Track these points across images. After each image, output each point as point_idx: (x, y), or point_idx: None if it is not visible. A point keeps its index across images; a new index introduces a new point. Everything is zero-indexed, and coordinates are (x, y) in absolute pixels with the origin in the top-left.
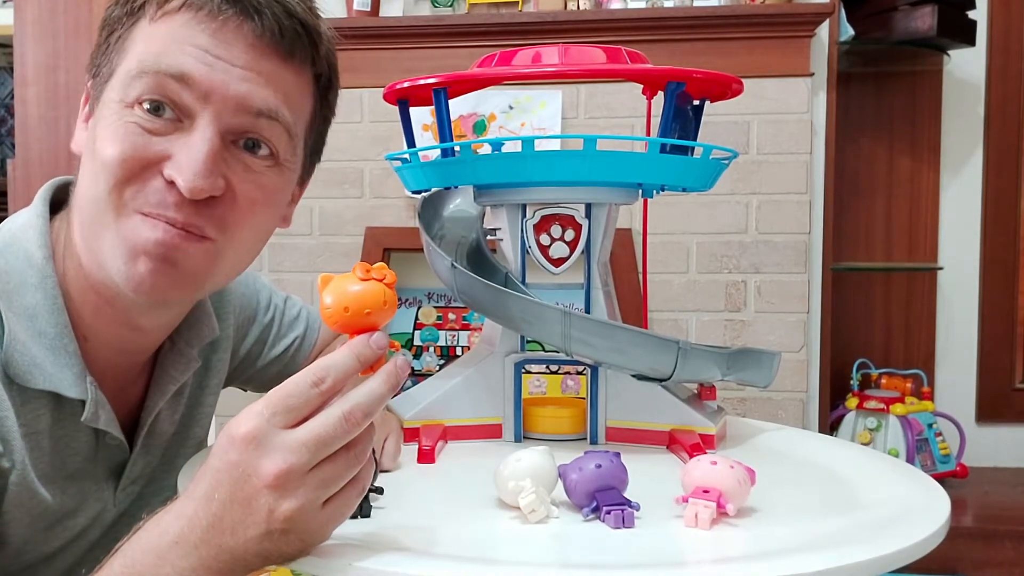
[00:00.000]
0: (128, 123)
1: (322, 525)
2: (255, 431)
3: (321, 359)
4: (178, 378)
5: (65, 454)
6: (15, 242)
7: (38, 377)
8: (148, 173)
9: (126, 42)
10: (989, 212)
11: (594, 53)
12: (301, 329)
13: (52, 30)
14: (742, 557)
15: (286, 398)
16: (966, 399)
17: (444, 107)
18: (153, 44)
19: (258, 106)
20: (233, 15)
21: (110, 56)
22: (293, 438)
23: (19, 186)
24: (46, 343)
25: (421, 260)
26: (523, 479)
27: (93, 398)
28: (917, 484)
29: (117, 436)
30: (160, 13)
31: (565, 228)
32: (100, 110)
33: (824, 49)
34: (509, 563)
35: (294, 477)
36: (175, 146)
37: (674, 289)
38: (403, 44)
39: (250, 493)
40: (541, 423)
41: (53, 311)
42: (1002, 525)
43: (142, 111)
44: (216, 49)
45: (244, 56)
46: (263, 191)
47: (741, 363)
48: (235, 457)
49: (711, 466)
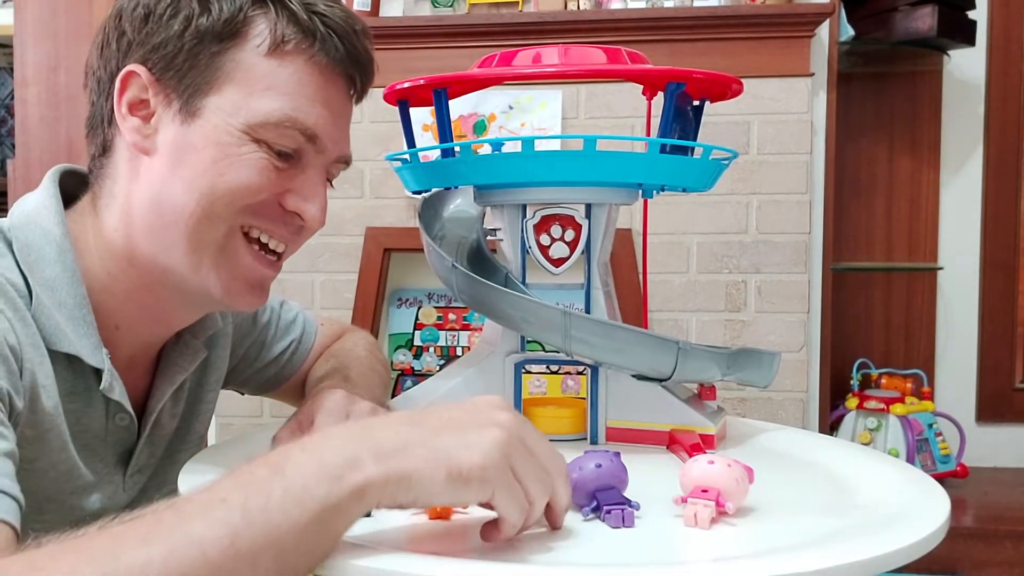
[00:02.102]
0: (261, 158)
1: (490, 463)
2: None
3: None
4: (186, 367)
5: (77, 428)
6: (31, 220)
7: (62, 340)
8: (268, 203)
9: (228, 64)
10: (989, 212)
11: (594, 53)
12: (298, 333)
13: (52, 30)
14: (742, 556)
15: (537, 438)
16: (966, 399)
17: (444, 107)
18: (284, 91)
19: (347, 157)
20: (340, 63)
21: (201, 70)
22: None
23: (19, 186)
24: (66, 312)
25: (421, 260)
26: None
27: (108, 368)
28: (917, 484)
29: (128, 413)
30: (276, 49)
31: (565, 228)
32: (203, 126)
33: (824, 49)
34: (509, 562)
35: (518, 435)
36: (294, 182)
37: (674, 289)
38: (403, 44)
39: (489, 416)
40: (541, 423)
41: (72, 283)
42: (1002, 525)
43: (272, 152)
44: (331, 101)
45: (342, 105)
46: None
47: (741, 363)
48: (493, 399)
49: (709, 465)
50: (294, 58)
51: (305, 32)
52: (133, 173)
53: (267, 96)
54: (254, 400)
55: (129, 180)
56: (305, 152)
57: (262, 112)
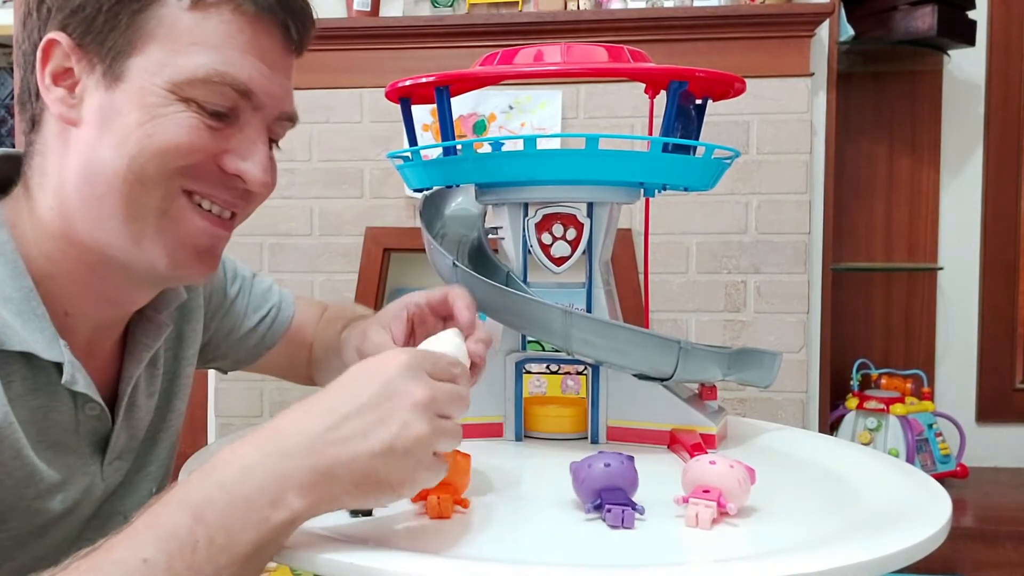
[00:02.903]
0: (190, 116)
1: (421, 471)
2: (411, 363)
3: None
4: (151, 345)
5: (44, 425)
6: None
7: (12, 338)
8: (208, 165)
9: (151, 20)
10: (989, 212)
11: (596, 52)
12: (275, 300)
13: None
14: (743, 557)
15: (433, 355)
16: (966, 399)
17: (446, 105)
18: (211, 45)
19: (289, 114)
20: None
21: (123, 30)
22: (438, 381)
23: None
24: (13, 307)
25: (421, 260)
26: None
27: (69, 360)
28: (917, 484)
29: (97, 402)
30: (198, 2)
31: (567, 227)
32: (128, 89)
33: (824, 49)
34: (509, 562)
35: (432, 408)
36: (231, 142)
37: (674, 289)
38: (403, 44)
39: (392, 407)
40: (542, 422)
41: (15, 275)
42: (1002, 525)
43: (202, 110)
44: (264, 52)
45: (279, 58)
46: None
47: (742, 363)
48: (386, 378)
49: (711, 466)
50: (219, 9)
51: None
52: (63, 147)
53: (193, 52)
54: (254, 400)
55: (60, 155)
56: (241, 110)
57: (187, 69)
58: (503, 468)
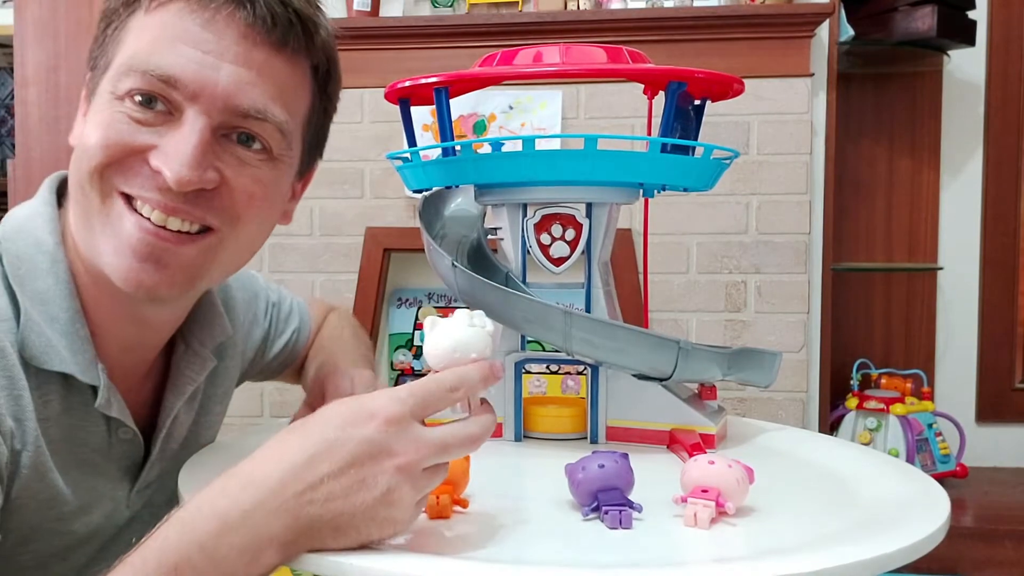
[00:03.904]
0: (117, 112)
1: (403, 521)
2: (399, 416)
3: (457, 369)
4: (195, 378)
5: (75, 444)
6: (23, 229)
7: (53, 359)
8: (133, 160)
9: (121, 33)
10: (989, 212)
11: (596, 53)
12: (296, 322)
13: (52, 30)
14: (742, 557)
15: (427, 394)
16: (966, 399)
17: (445, 106)
18: (144, 39)
19: (245, 107)
20: (225, 3)
21: (106, 48)
22: (428, 435)
23: (19, 186)
24: (58, 328)
25: (421, 260)
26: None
27: (105, 384)
28: (917, 484)
29: (130, 427)
30: (155, 4)
31: (566, 227)
32: (95, 102)
33: (824, 49)
34: (509, 562)
35: (417, 469)
36: (163, 138)
37: (674, 289)
38: (403, 44)
39: (376, 470)
40: (541, 422)
41: (65, 296)
42: (1002, 525)
43: (133, 103)
44: (206, 42)
45: (235, 48)
46: (259, 184)
47: (742, 363)
48: (371, 434)
49: (709, 465)
50: (168, 6)
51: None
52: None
53: (129, 49)
54: (254, 400)
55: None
56: (177, 103)
57: (117, 64)
58: (503, 468)
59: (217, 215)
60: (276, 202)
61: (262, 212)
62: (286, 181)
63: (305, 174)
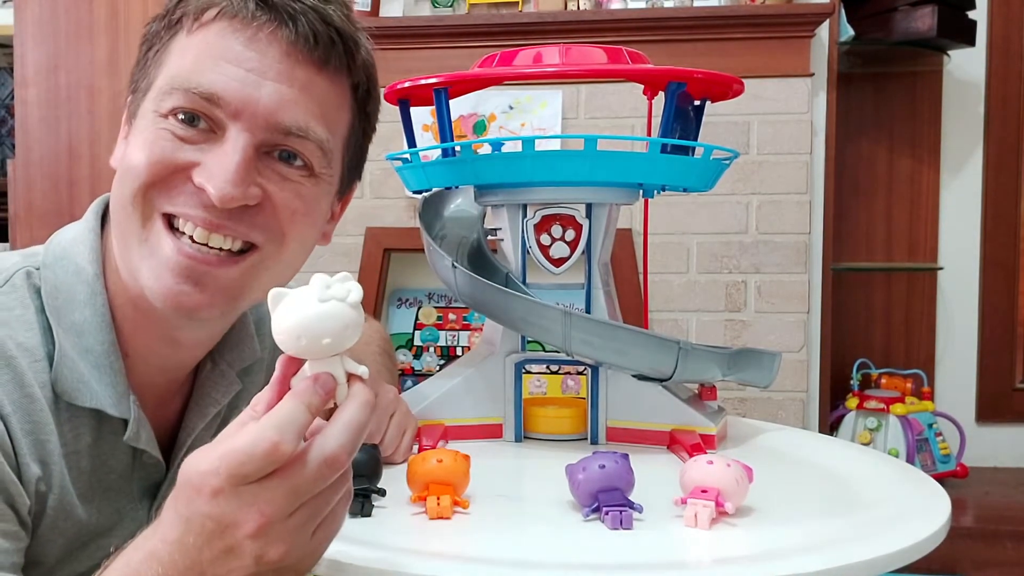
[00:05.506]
0: (160, 130)
1: (315, 551)
2: (219, 488)
3: (268, 417)
4: (220, 400)
5: (101, 473)
6: (66, 256)
7: (85, 394)
8: (177, 178)
9: (163, 56)
10: (989, 212)
11: (595, 53)
12: None
13: (52, 31)
14: (742, 557)
15: (240, 466)
16: (966, 399)
17: (445, 107)
18: (187, 58)
19: (287, 125)
20: (267, 21)
21: (148, 71)
22: (269, 490)
23: (19, 186)
24: (92, 360)
25: (421, 260)
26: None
27: (135, 417)
28: (917, 484)
29: (155, 455)
30: (196, 25)
31: (566, 228)
32: (137, 122)
33: (824, 49)
34: (509, 563)
35: (277, 525)
36: (207, 155)
37: (674, 289)
38: (403, 44)
39: (231, 544)
40: (542, 423)
41: (101, 328)
42: (1002, 525)
43: (176, 121)
44: (249, 60)
45: (277, 65)
46: (302, 200)
47: (742, 363)
48: (205, 509)
49: (708, 466)
50: (210, 26)
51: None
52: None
53: (172, 68)
54: None
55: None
56: (219, 121)
57: (160, 82)
58: (503, 469)
59: (261, 232)
60: (317, 220)
61: (304, 229)
62: (327, 200)
63: (344, 195)
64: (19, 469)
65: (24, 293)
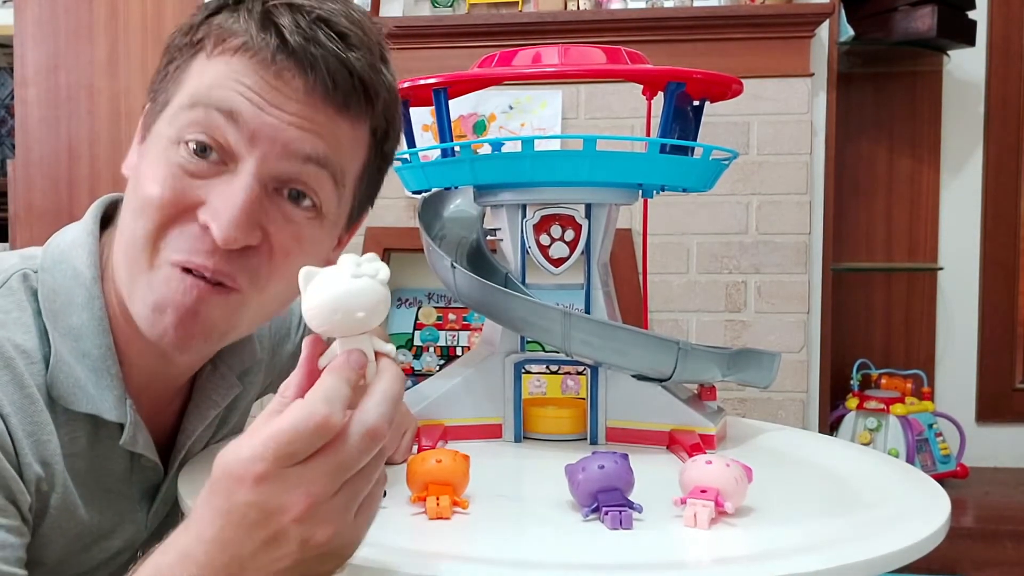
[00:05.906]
0: (172, 163)
1: (357, 534)
2: (265, 474)
3: (312, 392)
4: (219, 403)
5: (100, 475)
6: (64, 259)
7: (81, 399)
8: (185, 217)
9: (183, 73)
10: (989, 212)
11: (594, 53)
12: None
13: (52, 30)
14: (742, 557)
15: (288, 444)
16: (966, 399)
17: (444, 107)
18: (206, 78)
19: (307, 151)
20: (287, 67)
21: (167, 85)
22: (313, 469)
23: (19, 186)
24: (89, 364)
25: (421, 260)
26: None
27: (132, 421)
28: (917, 484)
29: (152, 459)
30: (218, 50)
31: (565, 228)
32: (151, 139)
33: (824, 49)
34: (508, 563)
35: (323, 505)
36: (213, 192)
37: (674, 290)
38: (403, 44)
39: (276, 531)
40: (541, 423)
41: (98, 332)
42: (1002, 525)
43: (187, 151)
44: (268, 94)
45: (296, 105)
46: (299, 243)
47: (741, 363)
48: (250, 498)
49: (707, 466)
50: (231, 57)
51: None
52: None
53: (188, 87)
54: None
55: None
56: (232, 151)
57: (178, 102)
58: (502, 469)
59: (248, 276)
60: (313, 258)
61: (293, 269)
62: (330, 237)
63: (355, 223)
64: (20, 468)
65: (21, 296)
